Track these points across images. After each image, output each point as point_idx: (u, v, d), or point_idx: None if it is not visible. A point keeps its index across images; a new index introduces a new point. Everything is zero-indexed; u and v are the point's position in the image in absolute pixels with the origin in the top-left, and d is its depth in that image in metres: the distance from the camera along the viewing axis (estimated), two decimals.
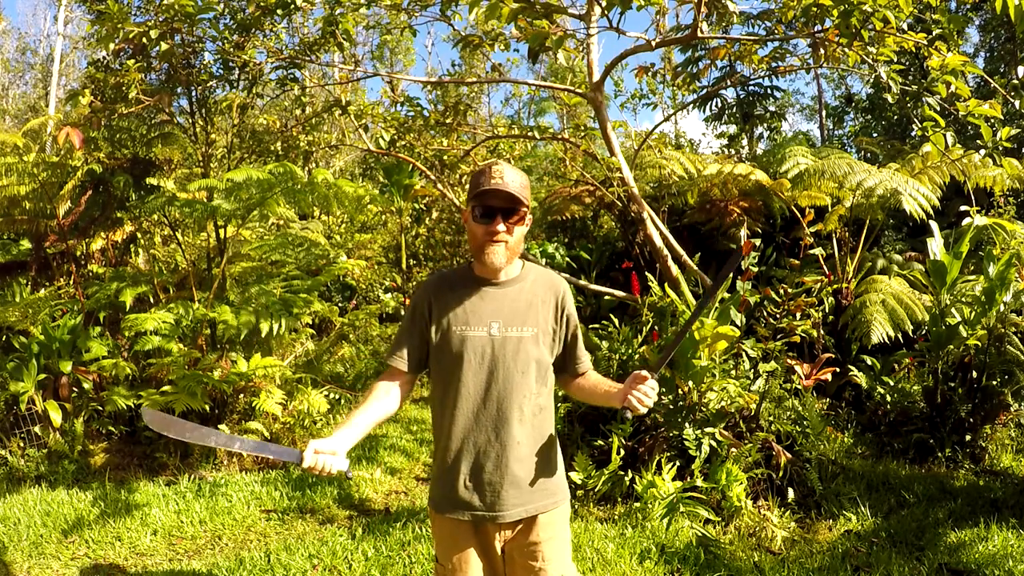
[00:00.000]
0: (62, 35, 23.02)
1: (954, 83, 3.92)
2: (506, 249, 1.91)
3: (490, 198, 1.88)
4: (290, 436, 5.40)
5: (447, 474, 1.95)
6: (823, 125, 21.36)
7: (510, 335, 1.92)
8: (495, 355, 1.91)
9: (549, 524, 1.98)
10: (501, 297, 1.96)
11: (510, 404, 1.91)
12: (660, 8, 4.73)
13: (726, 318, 4.26)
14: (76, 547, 3.73)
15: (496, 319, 1.93)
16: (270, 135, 6.35)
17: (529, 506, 1.95)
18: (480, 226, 1.90)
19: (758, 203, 7.10)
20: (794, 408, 4.47)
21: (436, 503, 2.00)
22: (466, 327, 1.92)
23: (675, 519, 3.77)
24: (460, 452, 1.94)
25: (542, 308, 1.98)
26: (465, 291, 1.97)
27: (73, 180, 5.46)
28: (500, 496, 1.92)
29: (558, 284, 2.05)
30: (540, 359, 1.96)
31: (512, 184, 1.87)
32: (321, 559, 3.54)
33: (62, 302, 5.38)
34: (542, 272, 2.06)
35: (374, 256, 9.81)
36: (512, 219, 1.90)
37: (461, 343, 1.91)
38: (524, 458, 1.94)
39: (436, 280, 2.04)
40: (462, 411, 1.92)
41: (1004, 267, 4.77)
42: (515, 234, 1.92)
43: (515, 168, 1.95)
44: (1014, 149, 8.04)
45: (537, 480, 1.96)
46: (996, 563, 3.40)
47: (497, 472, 1.92)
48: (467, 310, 1.94)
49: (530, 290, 1.99)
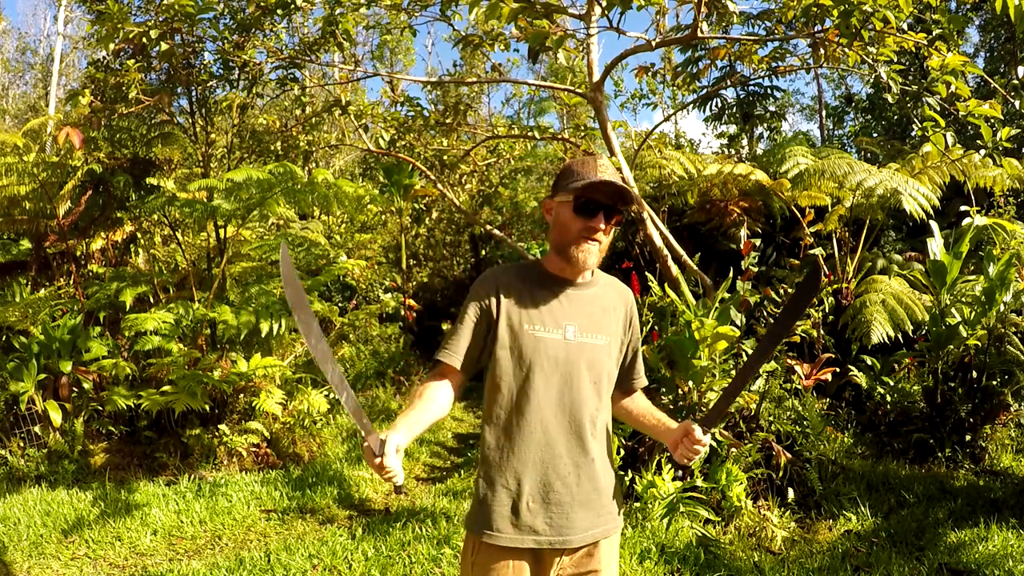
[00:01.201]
0: (62, 35, 23.01)
1: (954, 83, 3.92)
2: (599, 251, 1.74)
3: (597, 191, 1.68)
4: (290, 436, 5.41)
5: (505, 493, 1.71)
6: (823, 125, 21.36)
7: (586, 341, 1.75)
8: (570, 361, 1.72)
9: (610, 549, 1.82)
10: (578, 299, 1.78)
11: (583, 416, 1.73)
12: (660, 8, 4.73)
13: (726, 318, 4.26)
14: (76, 547, 3.73)
15: (572, 322, 1.75)
16: (270, 135, 6.36)
17: (596, 530, 1.76)
18: (579, 220, 1.69)
19: (758, 203, 7.10)
20: (794, 408, 4.47)
21: (485, 527, 1.70)
22: (540, 327, 1.72)
23: (675, 519, 3.77)
24: (524, 468, 1.71)
25: (614, 316, 1.82)
26: (539, 288, 1.77)
27: (73, 180, 5.46)
28: (569, 518, 1.71)
29: (627, 292, 1.90)
30: (611, 371, 1.80)
31: (617, 179, 1.70)
32: (321, 559, 3.54)
33: (62, 302, 5.38)
34: (610, 278, 1.89)
35: (374, 256, 9.80)
36: (614, 218, 1.73)
37: (534, 345, 1.71)
38: (596, 476, 1.76)
39: (503, 273, 1.81)
40: (530, 421, 1.70)
41: (1004, 267, 4.77)
42: (610, 236, 1.75)
43: (612, 164, 1.79)
44: (1014, 149, 8.03)
45: (605, 501, 1.78)
46: (996, 563, 3.40)
47: (568, 492, 1.71)
48: (542, 309, 1.74)
49: (603, 295, 1.83)
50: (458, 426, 6.78)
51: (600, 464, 1.77)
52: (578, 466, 1.73)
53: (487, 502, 1.72)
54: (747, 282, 4.65)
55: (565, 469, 1.71)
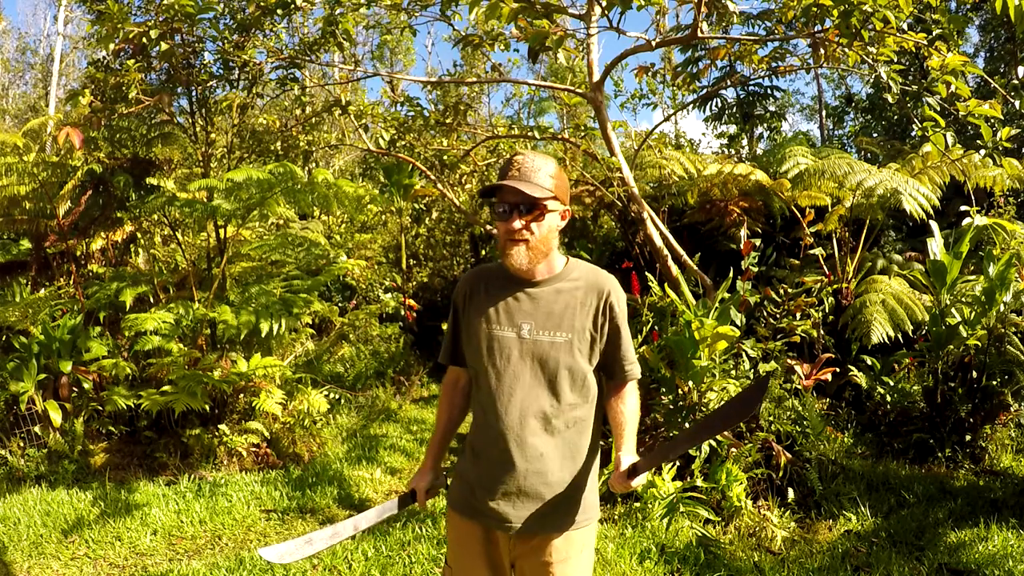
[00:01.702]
0: (62, 35, 23.02)
1: (954, 83, 3.92)
2: (528, 249, 1.75)
3: (504, 193, 1.74)
4: (290, 436, 5.40)
5: (465, 475, 1.88)
6: (823, 125, 21.36)
7: (541, 339, 1.78)
8: (522, 358, 1.78)
9: (566, 546, 1.82)
10: (536, 298, 1.81)
11: (535, 413, 1.77)
12: (660, 8, 4.73)
13: (726, 318, 4.26)
14: (76, 547, 3.73)
15: (528, 320, 1.79)
16: (270, 135, 6.36)
17: (543, 523, 1.79)
18: (500, 226, 1.77)
19: (758, 203, 7.09)
20: (794, 408, 4.47)
21: (453, 501, 1.92)
22: (496, 326, 1.80)
23: (675, 519, 3.77)
24: (481, 455, 1.83)
25: (580, 311, 1.80)
26: (500, 288, 1.84)
27: (73, 180, 5.46)
28: (515, 506, 1.78)
29: (604, 284, 1.84)
30: (574, 367, 1.78)
31: (534, 176, 1.72)
32: (321, 559, 3.54)
33: (62, 302, 5.38)
34: (588, 271, 1.87)
35: (374, 256, 9.80)
36: (532, 214, 1.73)
37: (489, 342, 1.80)
38: (546, 472, 1.78)
39: (474, 275, 1.91)
40: (488, 414, 1.80)
41: (1004, 267, 4.77)
42: (538, 231, 1.74)
43: (543, 156, 1.79)
44: (1014, 149, 8.03)
45: (559, 497, 1.79)
46: (996, 563, 3.40)
47: (514, 482, 1.77)
48: (499, 308, 1.81)
49: (570, 291, 1.82)
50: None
51: (553, 460, 1.78)
52: (527, 462, 1.77)
53: (455, 482, 1.94)
54: (747, 282, 4.65)
55: (513, 463, 1.77)
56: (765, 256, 5.95)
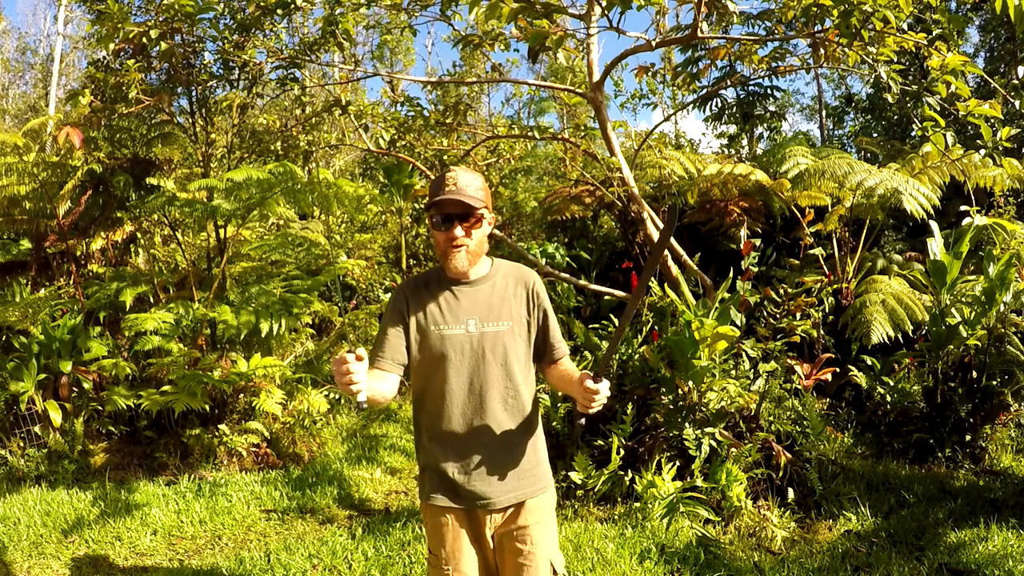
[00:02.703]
0: (62, 35, 23.01)
1: (954, 83, 3.92)
2: (467, 253, 1.98)
3: (445, 206, 1.95)
4: (290, 436, 5.40)
5: (438, 465, 2.02)
6: (823, 125, 21.36)
7: (487, 330, 2.01)
8: (474, 350, 1.99)
9: (536, 509, 2.06)
10: (475, 295, 2.04)
11: (493, 395, 2.00)
12: (660, 8, 4.73)
13: (726, 318, 4.26)
14: (76, 547, 3.73)
15: (472, 316, 2.01)
16: (270, 135, 6.35)
17: (519, 492, 2.03)
18: (440, 234, 1.98)
19: (758, 203, 7.09)
20: (794, 408, 4.47)
21: (428, 494, 2.05)
22: (444, 326, 2.00)
23: (675, 519, 3.77)
24: (449, 444, 2.01)
25: (514, 301, 2.06)
26: (440, 292, 2.04)
27: (73, 180, 5.46)
28: (491, 484, 2.00)
29: (527, 276, 2.12)
30: (517, 350, 2.04)
31: (467, 189, 1.94)
32: (321, 559, 3.54)
33: (62, 302, 5.38)
34: (511, 267, 2.14)
35: (374, 256, 9.80)
36: (469, 223, 1.97)
37: (441, 342, 1.99)
38: (512, 446, 2.03)
39: (411, 283, 2.10)
40: (447, 406, 1.99)
41: (1004, 267, 4.76)
42: (475, 237, 1.98)
43: (471, 172, 2.02)
44: (1014, 149, 8.04)
45: (525, 467, 2.05)
46: (996, 563, 3.40)
47: (488, 461, 2.00)
48: (443, 310, 2.02)
49: (501, 285, 2.07)
50: None
51: (514, 436, 2.03)
52: (493, 439, 2.00)
53: (426, 474, 2.07)
54: (747, 282, 4.64)
55: (481, 443, 2.00)
56: (765, 256, 5.95)
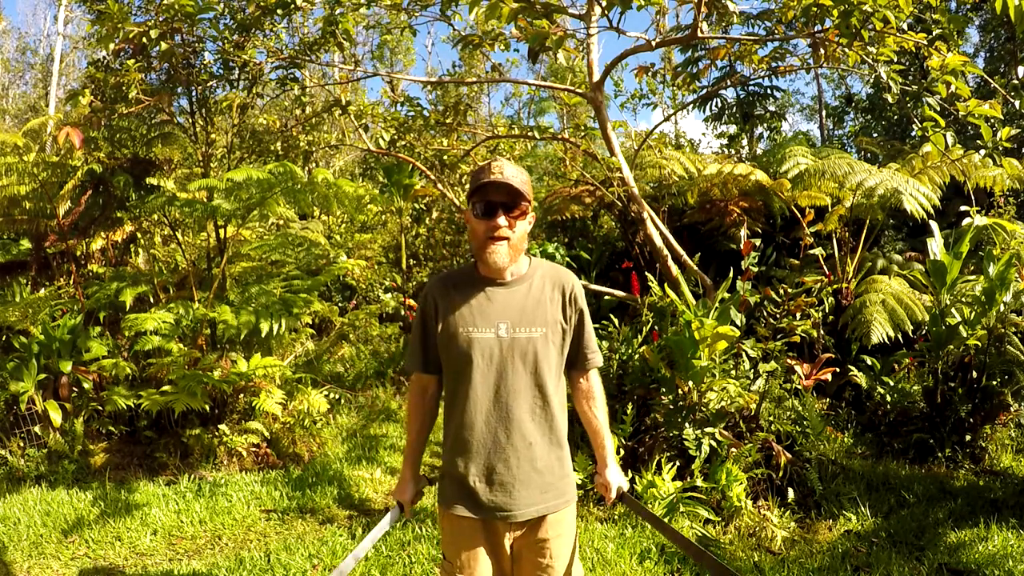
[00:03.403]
0: (62, 35, 23.01)
1: (954, 83, 3.92)
2: (509, 247, 1.85)
3: (490, 192, 1.82)
4: (290, 436, 5.40)
5: (459, 473, 1.93)
6: (823, 125, 21.36)
7: (519, 336, 1.88)
8: (503, 356, 1.87)
9: (558, 522, 1.97)
10: (508, 297, 1.91)
11: (520, 404, 1.89)
12: (660, 8, 4.73)
13: (726, 318, 4.26)
14: (76, 547, 3.73)
15: (504, 320, 1.88)
16: (270, 135, 6.35)
17: (540, 506, 1.93)
18: (481, 223, 1.84)
19: (758, 203, 7.09)
20: (794, 408, 4.47)
21: (447, 500, 1.97)
22: (473, 328, 1.88)
23: (675, 519, 3.77)
24: (472, 452, 1.91)
25: (550, 306, 1.92)
26: (471, 291, 1.91)
27: (73, 180, 5.46)
28: (512, 496, 1.90)
29: (566, 278, 1.98)
30: (549, 358, 1.91)
31: (513, 178, 1.82)
32: (321, 559, 3.54)
33: (62, 302, 5.38)
34: (550, 268, 2.00)
35: (374, 256, 9.81)
36: (513, 214, 1.84)
37: (468, 345, 1.87)
38: (537, 458, 1.91)
39: (440, 281, 1.98)
40: (473, 412, 1.89)
41: (1004, 267, 4.76)
42: (517, 230, 1.85)
43: (515, 164, 1.90)
44: (1014, 149, 8.03)
45: (549, 480, 1.94)
46: (996, 563, 3.40)
47: (509, 472, 1.89)
48: (473, 311, 1.89)
49: (538, 287, 1.93)
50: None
51: (541, 448, 1.93)
52: (517, 451, 1.89)
53: (447, 481, 1.98)
54: (747, 282, 4.64)
55: (505, 454, 1.89)
56: (765, 256, 5.95)
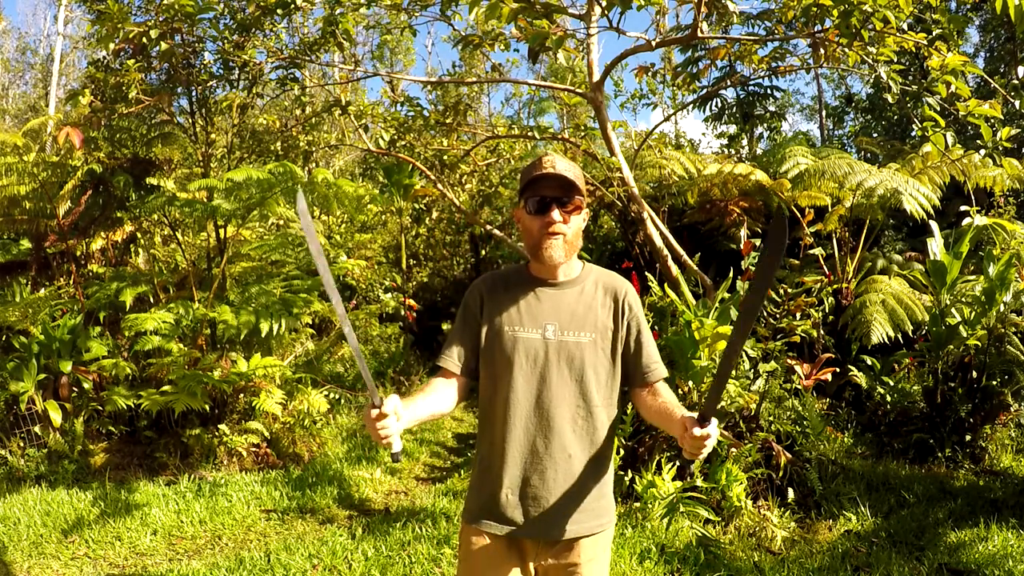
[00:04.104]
0: (62, 35, 23.02)
1: (954, 83, 3.92)
2: (564, 243, 1.75)
3: (543, 187, 1.73)
4: (290, 436, 5.41)
5: (489, 484, 1.80)
6: (823, 125, 21.37)
7: (566, 339, 1.77)
8: (548, 359, 1.76)
9: (591, 546, 1.81)
10: (559, 298, 1.81)
11: (562, 414, 1.76)
12: (660, 8, 4.73)
13: (726, 318, 4.26)
14: (76, 547, 3.73)
15: (552, 321, 1.78)
16: (270, 135, 6.35)
17: (576, 527, 1.77)
18: (535, 219, 1.74)
19: (758, 203, 7.10)
20: (794, 408, 4.47)
21: (471, 514, 1.83)
22: (519, 328, 1.78)
23: (675, 519, 3.77)
24: (505, 461, 1.77)
25: (602, 311, 1.82)
26: (520, 290, 1.82)
27: (73, 180, 5.46)
28: (545, 512, 1.75)
29: (619, 284, 1.87)
30: (599, 367, 1.79)
31: (566, 171, 1.73)
32: (321, 559, 3.54)
33: (62, 302, 5.38)
34: (602, 273, 1.90)
35: (374, 256, 9.80)
36: (568, 208, 1.75)
37: (513, 344, 1.77)
38: (575, 474, 1.77)
39: (490, 279, 1.89)
40: (511, 417, 1.76)
41: (1004, 267, 4.77)
42: (573, 225, 1.76)
43: (566, 158, 1.81)
44: (1014, 149, 8.03)
45: (587, 499, 1.79)
46: (996, 563, 3.40)
47: (545, 486, 1.75)
48: (521, 310, 1.80)
49: (590, 292, 1.84)
50: (458, 426, 6.78)
51: (581, 462, 1.78)
52: (556, 462, 1.76)
53: (474, 492, 1.85)
54: (747, 282, 4.65)
55: (542, 465, 1.76)
56: None
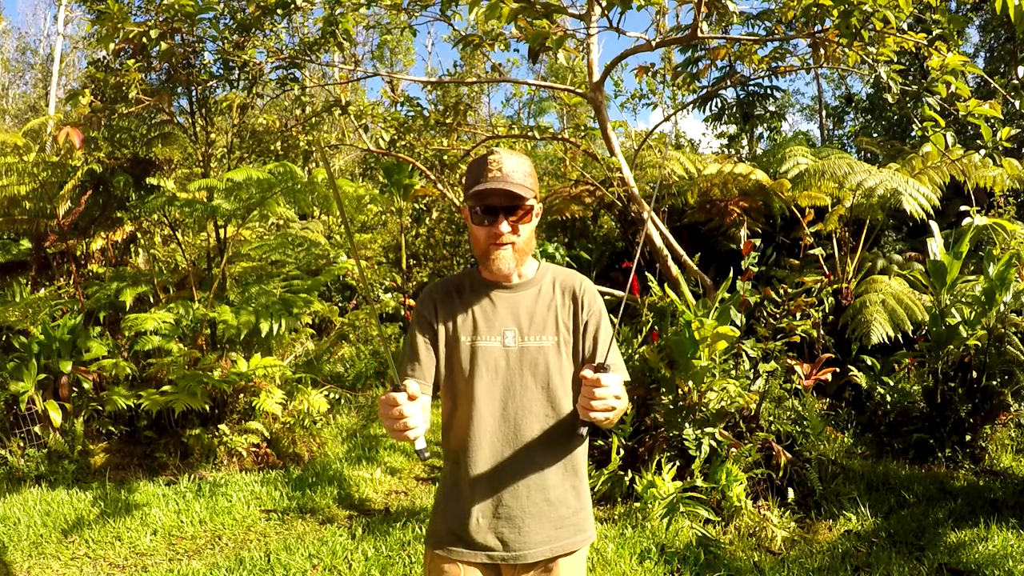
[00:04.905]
0: (62, 35, 23.03)
1: (954, 83, 3.92)
2: (514, 252, 1.64)
3: (489, 195, 1.59)
4: (290, 436, 5.41)
5: (456, 507, 1.66)
6: (823, 125, 21.38)
7: (528, 345, 1.66)
8: (510, 368, 1.65)
9: (571, 564, 1.70)
10: (516, 302, 1.70)
11: (531, 425, 1.65)
12: (660, 8, 4.73)
13: (726, 318, 4.26)
14: (76, 547, 3.73)
15: (511, 327, 1.67)
16: (270, 135, 6.36)
17: (554, 544, 1.67)
18: (481, 229, 1.63)
19: (758, 203, 7.09)
20: (794, 408, 4.47)
21: (440, 539, 1.68)
22: (477, 337, 1.66)
23: (675, 519, 3.77)
24: (472, 481, 1.64)
25: (562, 312, 1.71)
26: (474, 296, 1.70)
27: (73, 180, 5.46)
28: (521, 532, 1.64)
29: (577, 280, 1.76)
30: (564, 370, 1.68)
31: (514, 176, 1.60)
32: (321, 559, 3.54)
33: (62, 302, 5.38)
34: (559, 271, 1.79)
35: (374, 256, 9.81)
36: (517, 216, 1.62)
37: (472, 355, 1.65)
38: (549, 487, 1.66)
39: (441, 286, 1.76)
40: (475, 434, 1.64)
41: (1004, 267, 4.77)
42: (523, 233, 1.64)
43: (516, 154, 1.66)
44: (1014, 149, 8.03)
45: (564, 514, 1.68)
46: (996, 563, 3.40)
47: (518, 504, 1.64)
48: (477, 317, 1.68)
49: (548, 292, 1.72)
50: None
51: (553, 474, 1.67)
52: (528, 478, 1.65)
53: (441, 516, 1.70)
54: (747, 282, 4.65)
55: (513, 483, 1.64)
56: (765, 256, 5.95)
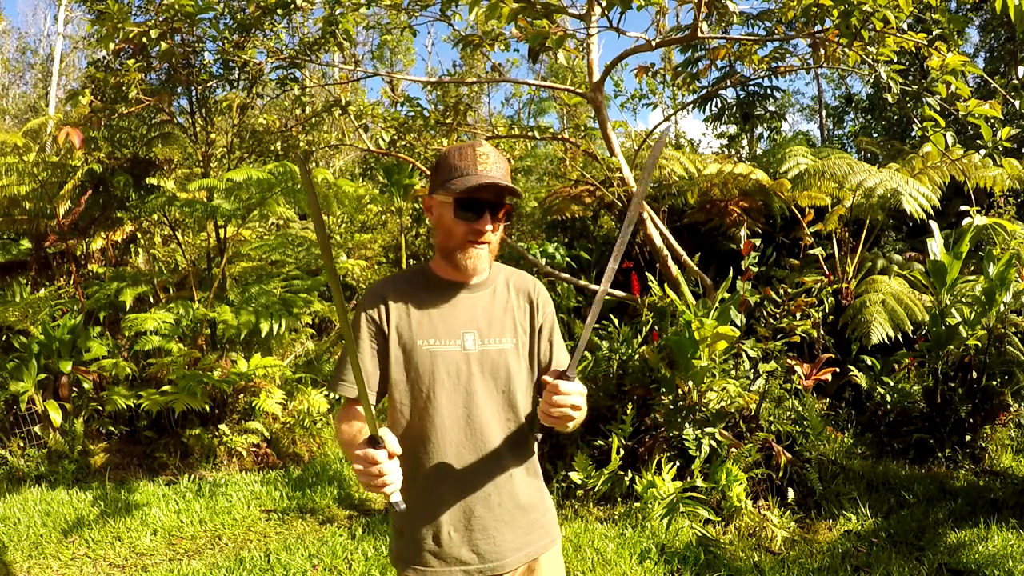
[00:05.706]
0: (62, 35, 23.02)
1: (954, 83, 3.92)
2: (489, 251, 1.58)
3: (480, 190, 1.50)
4: (290, 436, 5.41)
5: (424, 525, 1.57)
6: (823, 125, 21.37)
7: (488, 348, 1.58)
8: (471, 372, 1.56)
9: (549, 564, 1.68)
10: (474, 303, 1.61)
11: (495, 430, 1.58)
12: (660, 8, 4.73)
13: (726, 318, 4.26)
14: (76, 547, 3.73)
15: (470, 329, 1.58)
16: (270, 135, 6.35)
17: (530, 548, 1.63)
18: (462, 224, 1.53)
19: (758, 203, 7.09)
20: (794, 408, 4.47)
21: (409, 560, 1.59)
22: (435, 341, 1.56)
23: (675, 519, 3.77)
24: (440, 494, 1.57)
25: (518, 313, 1.64)
26: (430, 296, 1.60)
27: (73, 180, 5.46)
28: (496, 542, 1.58)
29: (530, 283, 1.70)
30: (522, 373, 1.62)
31: (498, 168, 1.53)
32: (321, 559, 3.54)
33: (62, 302, 5.38)
34: (512, 272, 1.72)
35: (374, 256, 9.81)
36: (499, 215, 1.55)
37: (430, 361, 1.55)
38: (519, 493, 1.62)
39: (390, 283, 1.63)
40: (438, 444, 1.56)
41: (1004, 267, 4.77)
42: (499, 234, 1.59)
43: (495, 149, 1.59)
44: (1014, 149, 8.04)
45: (534, 517, 1.66)
46: (996, 563, 3.40)
47: (491, 513, 1.58)
48: (434, 319, 1.57)
49: (503, 293, 1.65)
50: None
51: (520, 479, 1.64)
52: (496, 485, 1.59)
53: (407, 536, 1.60)
54: (747, 282, 4.64)
55: (484, 492, 1.58)
56: (765, 256, 5.95)
